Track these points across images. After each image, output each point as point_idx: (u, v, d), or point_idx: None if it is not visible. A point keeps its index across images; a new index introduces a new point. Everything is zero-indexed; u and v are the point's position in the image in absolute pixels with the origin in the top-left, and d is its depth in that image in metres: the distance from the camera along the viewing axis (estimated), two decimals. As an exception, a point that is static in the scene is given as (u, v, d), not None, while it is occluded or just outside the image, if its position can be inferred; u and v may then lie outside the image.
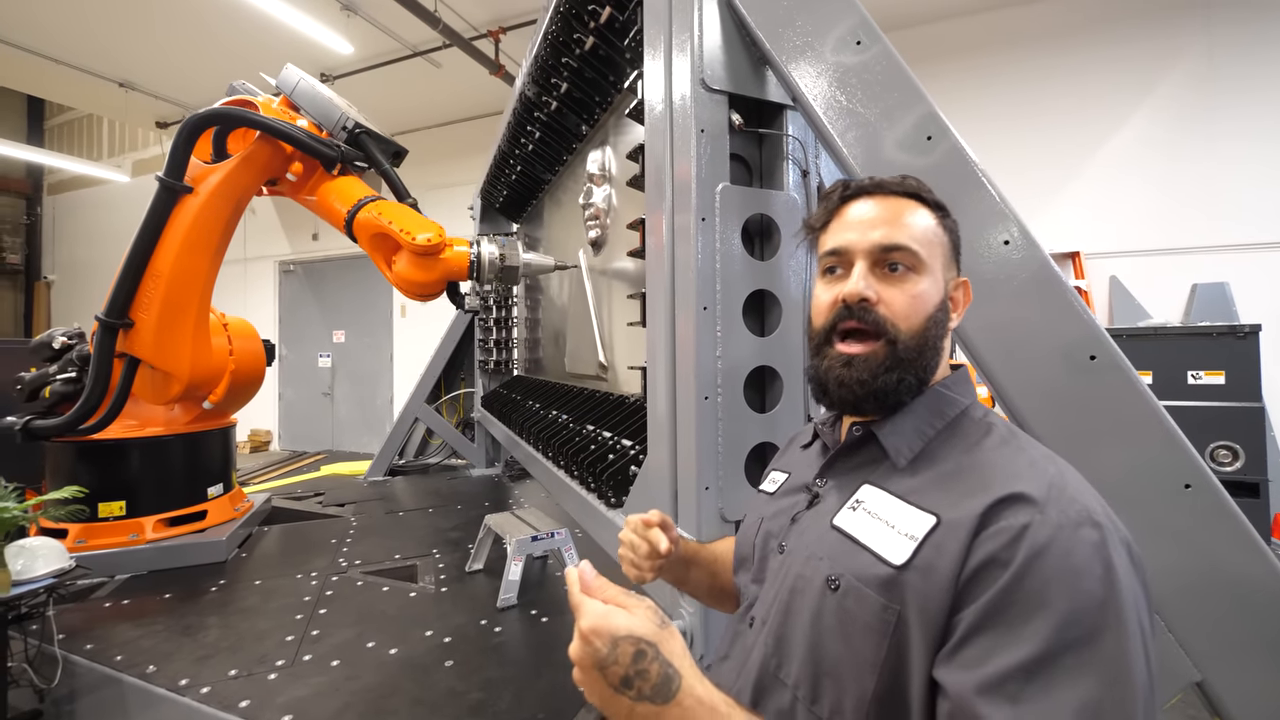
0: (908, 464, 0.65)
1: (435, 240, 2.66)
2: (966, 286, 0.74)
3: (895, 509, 0.62)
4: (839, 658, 0.59)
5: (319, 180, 3.10)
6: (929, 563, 0.55)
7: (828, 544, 0.66)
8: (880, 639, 0.55)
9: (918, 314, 0.67)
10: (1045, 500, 0.53)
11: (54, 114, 10.87)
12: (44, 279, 11.25)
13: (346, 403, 8.60)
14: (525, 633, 2.33)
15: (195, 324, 3.08)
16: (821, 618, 0.61)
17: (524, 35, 5.62)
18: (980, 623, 0.50)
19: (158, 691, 1.95)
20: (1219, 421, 3.62)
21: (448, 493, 4.62)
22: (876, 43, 1.21)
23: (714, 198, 1.35)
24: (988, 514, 0.53)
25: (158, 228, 2.85)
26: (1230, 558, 0.99)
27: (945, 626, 0.52)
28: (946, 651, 0.51)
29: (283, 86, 3.17)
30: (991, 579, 0.50)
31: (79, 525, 2.96)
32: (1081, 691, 0.46)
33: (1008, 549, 0.51)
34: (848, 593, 0.59)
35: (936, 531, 0.56)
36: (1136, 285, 4.83)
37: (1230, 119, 4.62)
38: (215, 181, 2.93)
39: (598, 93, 2.62)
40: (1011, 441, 0.63)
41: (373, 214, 2.78)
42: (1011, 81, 5.26)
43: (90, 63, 6.48)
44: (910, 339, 0.66)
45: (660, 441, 1.49)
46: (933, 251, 0.69)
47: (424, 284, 2.76)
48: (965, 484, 0.59)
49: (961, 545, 0.53)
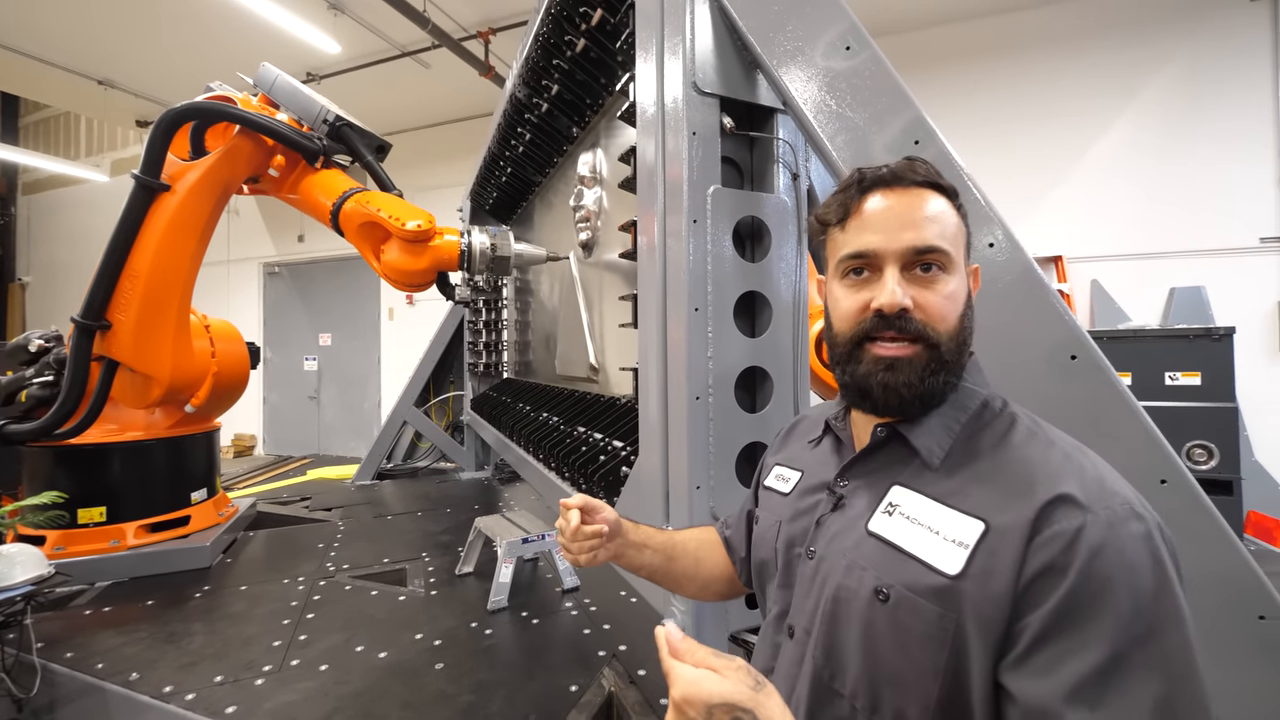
0: (939, 463, 0.64)
1: (425, 227, 2.66)
2: (977, 273, 0.71)
3: (935, 513, 0.61)
4: (897, 668, 0.58)
5: (301, 175, 3.07)
6: (985, 570, 0.54)
7: (867, 552, 0.64)
8: (940, 647, 0.55)
9: (953, 314, 0.65)
10: (1092, 499, 0.53)
11: (29, 111, 10.63)
12: (18, 281, 10.98)
13: (333, 406, 8.50)
14: (516, 635, 2.32)
15: (175, 325, 3.03)
16: (875, 629, 0.60)
17: (514, 37, 5.62)
18: (1048, 629, 0.50)
19: (141, 699, 1.91)
20: (1195, 421, 3.72)
21: (437, 496, 4.58)
22: (865, 48, 1.23)
23: (705, 200, 1.36)
24: (1039, 519, 0.53)
25: (134, 227, 2.80)
26: (1204, 553, 1.02)
27: (1005, 633, 0.53)
28: (1015, 659, 0.52)
29: (260, 84, 3.13)
30: (1053, 585, 0.51)
31: (58, 532, 2.90)
32: (1155, 688, 0.47)
33: (1065, 554, 0.51)
34: (900, 603, 0.59)
35: (988, 538, 0.56)
36: (1117, 289, 4.94)
37: (1210, 125, 4.75)
38: (194, 179, 2.88)
39: (589, 95, 2.63)
40: (1038, 433, 0.63)
41: (360, 203, 2.76)
42: (998, 87, 5.37)
43: (69, 60, 6.36)
44: (950, 340, 0.64)
45: (652, 442, 1.50)
46: (958, 246, 0.67)
47: (414, 273, 2.74)
48: (1006, 484, 0.58)
49: (1017, 551, 0.53)
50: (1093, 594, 0.50)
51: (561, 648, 2.20)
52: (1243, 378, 4.06)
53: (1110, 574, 0.50)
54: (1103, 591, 0.50)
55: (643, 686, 1.93)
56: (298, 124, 3.04)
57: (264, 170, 3.11)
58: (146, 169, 2.75)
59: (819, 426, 0.84)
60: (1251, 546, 3.48)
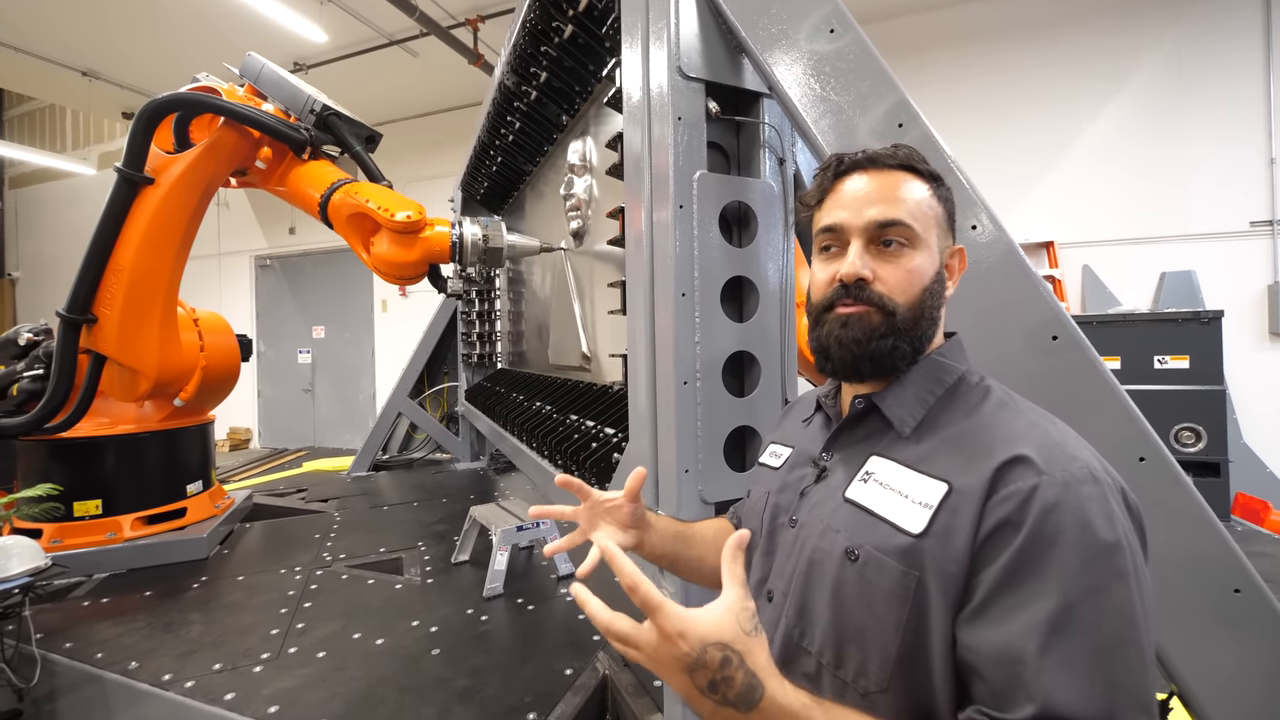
0: (911, 432, 0.67)
1: (415, 218, 2.60)
2: (962, 254, 0.74)
3: (906, 478, 0.64)
4: (862, 624, 0.61)
5: (289, 166, 3.02)
6: (946, 528, 0.57)
7: (842, 517, 0.67)
8: (902, 603, 0.58)
9: (914, 287, 0.68)
10: (1049, 460, 0.56)
11: (14, 104, 10.47)
12: (8, 276, 10.87)
13: (328, 399, 8.49)
14: (511, 621, 2.35)
15: (161, 319, 3.00)
16: (843, 588, 0.63)
17: (503, 24, 5.55)
18: (1001, 583, 0.53)
19: (140, 687, 1.93)
20: (1183, 404, 3.76)
21: (432, 486, 4.60)
22: (849, 31, 1.23)
23: (691, 185, 1.36)
24: (996, 477, 0.56)
25: (118, 221, 2.76)
26: (1181, 528, 1.04)
27: (965, 587, 0.55)
28: (970, 611, 0.54)
29: (246, 74, 3.07)
30: (1007, 540, 0.53)
31: (54, 525, 2.91)
32: (1097, 641, 0.50)
33: (1020, 510, 0.54)
34: (868, 563, 0.62)
35: (950, 498, 0.58)
36: (1108, 274, 4.96)
37: (1200, 109, 4.74)
38: (178, 172, 2.82)
39: (578, 82, 2.61)
40: (1009, 404, 0.66)
41: (348, 194, 2.71)
42: (988, 74, 5.34)
43: (50, 50, 6.24)
44: (908, 310, 0.68)
45: (641, 427, 1.52)
46: (927, 224, 0.69)
47: (404, 265, 2.69)
48: (970, 448, 0.61)
49: (975, 509, 0.56)
50: (1044, 549, 0.52)
51: (556, 633, 2.23)
52: (1232, 361, 4.10)
53: (1061, 530, 0.52)
54: (1053, 546, 0.52)
55: (636, 670, 1.96)
56: (285, 114, 2.99)
57: (250, 163, 3.07)
58: (129, 162, 2.71)
59: (812, 406, 0.87)
60: (1239, 527, 3.53)
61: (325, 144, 2.96)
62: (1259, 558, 3.17)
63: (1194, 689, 1.00)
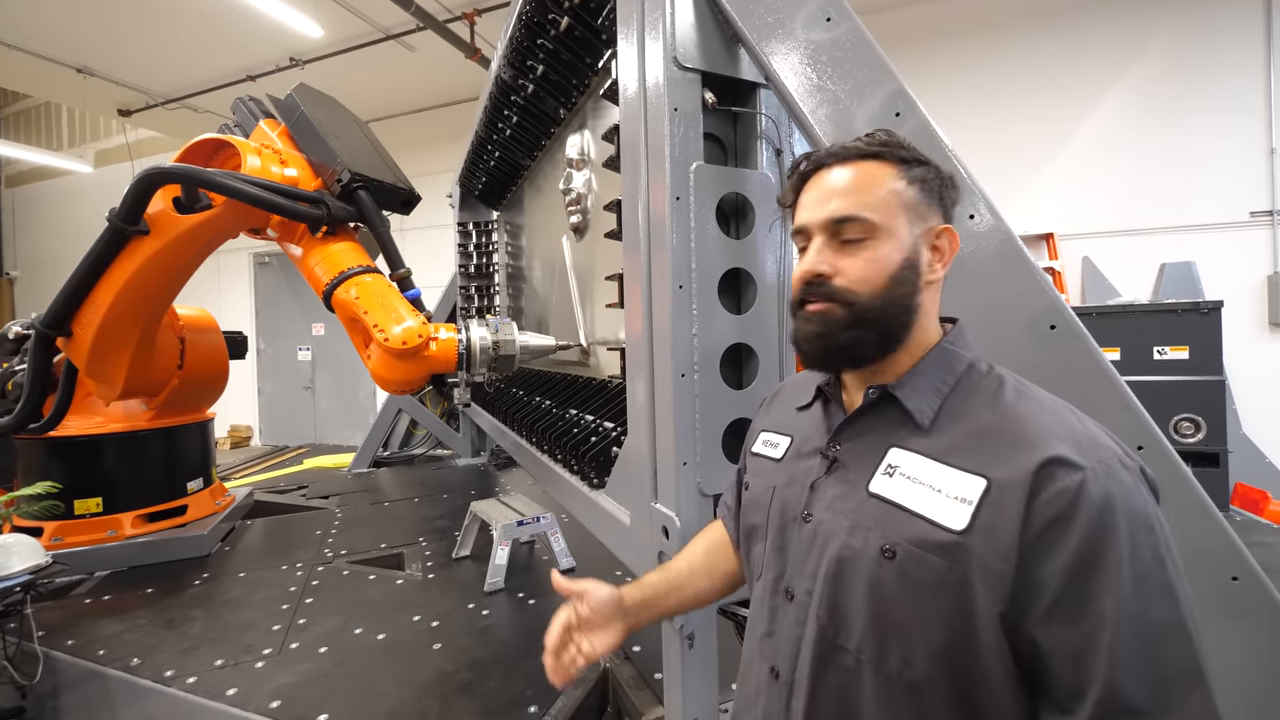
0: (930, 423, 0.67)
1: (413, 344, 2.25)
2: (950, 234, 0.72)
3: (935, 472, 0.64)
4: (904, 619, 0.62)
5: (302, 236, 2.65)
6: (990, 524, 0.58)
7: (871, 512, 0.67)
8: (946, 597, 0.59)
9: (878, 276, 0.68)
10: (1086, 453, 0.58)
11: (9, 102, 10.43)
12: (5, 275, 10.87)
13: (328, 396, 8.49)
14: (512, 615, 2.36)
15: (136, 348, 2.85)
16: (881, 585, 0.63)
17: (499, 18, 5.52)
18: (1070, 579, 0.55)
19: (143, 683, 1.94)
20: (1182, 395, 3.75)
21: (433, 482, 4.61)
22: (846, 19, 1.22)
23: (688, 177, 1.35)
24: (1041, 474, 0.57)
25: (101, 264, 2.54)
26: (1179, 516, 1.04)
27: (1015, 582, 0.57)
28: (1043, 610, 0.56)
29: (283, 115, 2.72)
30: (1063, 537, 0.55)
31: (55, 523, 2.91)
32: (1174, 609, 0.55)
33: (1072, 505, 0.56)
34: (907, 559, 0.62)
35: (990, 493, 0.59)
36: (1108, 265, 4.95)
37: (1200, 99, 4.72)
38: (179, 230, 2.53)
39: (574, 75, 2.59)
40: (1027, 393, 0.67)
41: (349, 295, 2.36)
42: (986, 65, 5.32)
43: (45, 47, 6.21)
44: (873, 299, 0.68)
45: (639, 421, 1.51)
46: (890, 212, 0.69)
47: (401, 383, 2.40)
48: (1003, 442, 0.62)
49: (1019, 505, 0.57)
50: (1103, 543, 0.55)
51: (557, 626, 2.24)
52: (1232, 352, 4.10)
53: (1114, 523, 0.55)
54: (1109, 539, 0.55)
55: (637, 662, 1.96)
56: (313, 167, 2.61)
57: (263, 227, 2.76)
58: (124, 217, 2.43)
59: (808, 392, 0.85)
60: (1238, 518, 3.54)
61: (346, 219, 2.57)
62: (1258, 547, 3.18)
63: (1192, 677, 0.99)
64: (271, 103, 2.82)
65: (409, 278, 2.51)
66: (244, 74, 6.75)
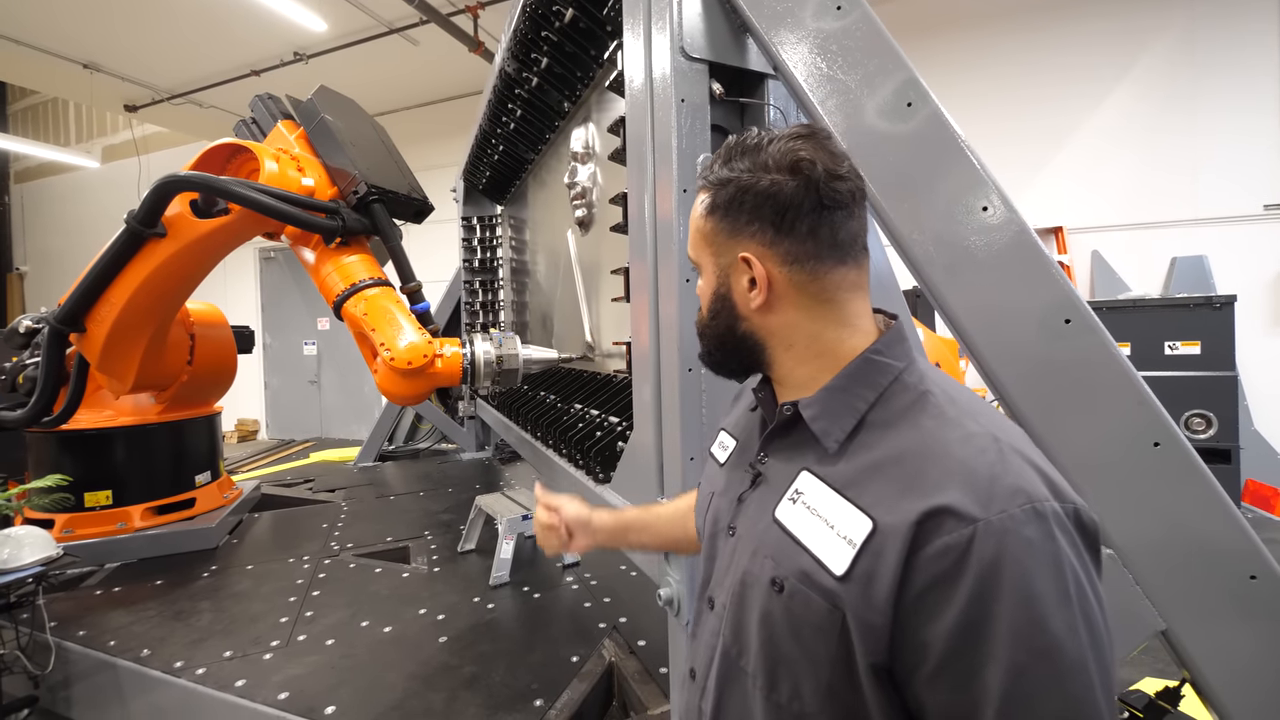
0: (839, 446, 0.62)
1: (418, 364, 2.27)
2: (748, 263, 0.64)
3: (833, 505, 0.59)
4: (791, 653, 0.60)
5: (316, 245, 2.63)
6: (867, 574, 0.54)
7: (771, 540, 0.64)
8: (829, 636, 0.56)
9: (703, 309, 0.73)
10: (986, 500, 0.50)
11: (17, 98, 10.47)
12: (16, 270, 10.95)
13: (334, 390, 8.53)
14: (518, 608, 2.37)
15: (147, 346, 2.88)
16: (771, 616, 0.61)
17: (503, 10, 5.48)
18: (952, 645, 0.50)
19: (153, 674, 1.96)
20: (1194, 390, 3.71)
21: (438, 476, 4.63)
22: (856, 7, 1.19)
23: (695, 169, 1.34)
24: (926, 525, 0.51)
25: (117, 264, 2.57)
26: (1196, 512, 1.02)
27: (892, 636, 0.52)
28: (930, 672, 0.51)
29: (302, 119, 2.67)
30: (947, 599, 0.50)
31: (65, 515, 2.94)
32: (1055, 705, 0.48)
33: (957, 566, 0.49)
34: (793, 595, 0.59)
35: (874, 539, 0.54)
36: (1118, 259, 4.89)
37: (1212, 92, 4.64)
38: (197, 234, 2.54)
39: (579, 67, 2.57)
40: (946, 414, 0.58)
41: (358, 310, 2.38)
42: (996, 57, 5.24)
43: (50, 43, 6.22)
44: (704, 330, 0.74)
45: (645, 415, 1.50)
46: (699, 247, 0.71)
47: (408, 398, 2.43)
48: (901, 478, 0.56)
49: (898, 556, 0.52)
50: (988, 610, 0.49)
51: (562, 620, 2.24)
52: (1244, 347, 4.04)
53: (1005, 582, 0.48)
54: (996, 605, 0.48)
55: (643, 656, 1.96)
56: (330, 176, 2.58)
57: (278, 232, 2.74)
58: (142, 219, 2.46)
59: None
60: (1249, 514, 3.50)
61: (360, 231, 2.56)
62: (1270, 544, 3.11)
63: (1207, 676, 0.98)
64: (291, 104, 2.80)
65: (419, 291, 2.53)
66: (248, 69, 6.74)
